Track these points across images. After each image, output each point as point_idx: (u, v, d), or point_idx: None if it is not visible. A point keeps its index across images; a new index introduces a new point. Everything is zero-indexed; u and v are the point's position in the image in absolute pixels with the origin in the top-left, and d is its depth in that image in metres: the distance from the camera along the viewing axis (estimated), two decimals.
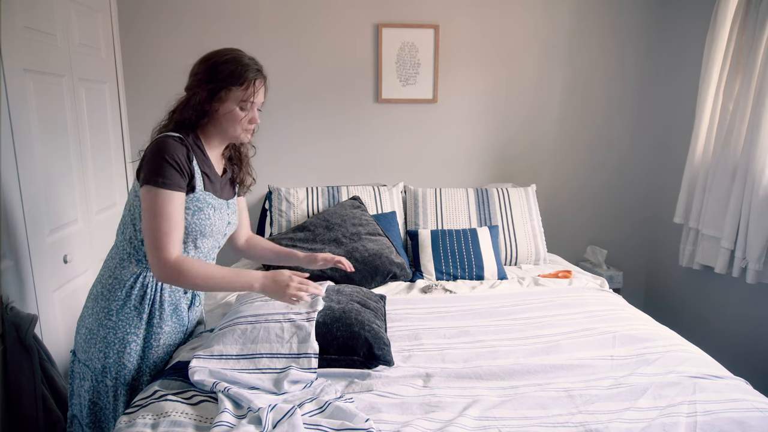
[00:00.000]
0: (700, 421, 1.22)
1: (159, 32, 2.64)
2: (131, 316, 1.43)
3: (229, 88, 1.40)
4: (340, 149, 2.88)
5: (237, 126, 1.44)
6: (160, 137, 1.39)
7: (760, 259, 2.23)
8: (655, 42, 2.96)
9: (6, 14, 1.65)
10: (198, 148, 1.45)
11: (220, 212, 1.49)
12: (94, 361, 1.44)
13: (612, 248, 3.12)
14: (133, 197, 1.44)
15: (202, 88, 1.40)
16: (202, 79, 1.40)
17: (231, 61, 1.40)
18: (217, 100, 1.41)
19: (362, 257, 2.17)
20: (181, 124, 1.43)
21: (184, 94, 1.46)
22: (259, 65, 1.46)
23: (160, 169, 1.32)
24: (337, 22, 2.75)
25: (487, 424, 1.23)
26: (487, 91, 2.93)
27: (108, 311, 1.42)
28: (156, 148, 1.35)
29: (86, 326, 1.46)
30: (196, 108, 1.41)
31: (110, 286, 1.43)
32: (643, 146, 3.08)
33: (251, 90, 1.42)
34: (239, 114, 1.43)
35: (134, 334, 1.44)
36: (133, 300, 1.43)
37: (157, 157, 1.34)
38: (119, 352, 1.43)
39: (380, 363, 1.46)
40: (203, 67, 1.42)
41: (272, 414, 1.18)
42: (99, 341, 1.43)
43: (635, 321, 1.81)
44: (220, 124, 1.45)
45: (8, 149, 1.67)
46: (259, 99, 1.46)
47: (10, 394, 1.61)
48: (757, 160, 2.22)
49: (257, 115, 1.48)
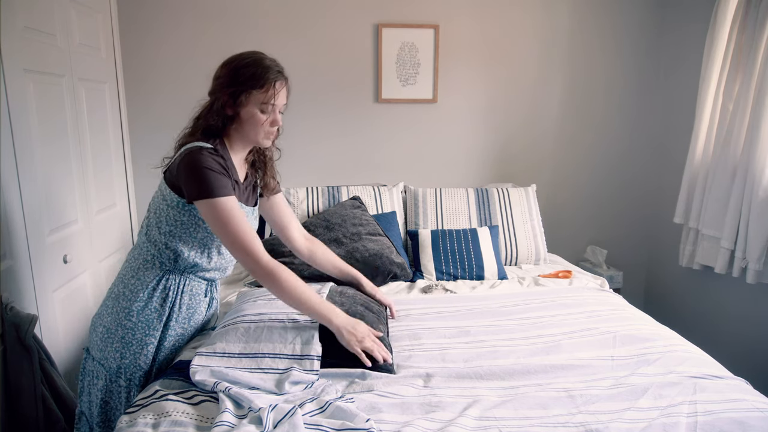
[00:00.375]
0: (700, 421, 1.22)
1: (159, 32, 2.64)
2: (152, 318, 1.44)
3: (249, 91, 1.39)
4: (340, 149, 2.88)
5: (259, 129, 1.44)
6: (192, 149, 1.36)
7: (760, 259, 2.23)
8: (655, 42, 2.97)
9: (6, 14, 1.65)
10: (224, 156, 1.44)
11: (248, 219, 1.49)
12: (110, 361, 1.44)
13: (612, 248, 3.12)
14: (160, 200, 1.43)
15: (223, 92, 1.39)
16: (224, 83, 1.40)
17: (252, 64, 1.40)
18: (239, 104, 1.40)
19: (362, 257, 2.17)
20: (207, 131, 1.42)
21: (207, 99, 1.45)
22: (280, 67, 1.46)
23: (208, 180, 1.32)
24: (337, 22, 2.75)
25: (487, 424, 1.23)
26: (487, 91, 2.93)
27: (128, 312, 1.42)
28: (193, 162, 1.34)
29: (104, 325, 1.46)
30: (220, 113, 1.40)
31: (132, 286, 1.43)
32: (642, 146, 3.08)
33: (271, 92, 1.41)
34: (261, 117, 1.42)
35: (152, 336, 1.45)
36: (154, 302, 1.43)
37: (198, 169, 1.33)
38: (136, 354, 1.44)
39: (381, 371, 1.45)
40: (225, 71, 1.41)
41: (273, 414, 1.18)
42: (117, 341, 1.43)
43: (635, 321, 1.81)
44: (242, 129, 1.44)
45: (8, 149, 1.67)
46: (280, 101, 1.45)
47: (10, 394, 1.61)
48: (757, 160, 2.22)
49: (279, 118, 1.46)
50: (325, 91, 2.81)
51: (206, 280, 1.53)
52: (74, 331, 2.05)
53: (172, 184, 1.41)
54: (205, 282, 1.54)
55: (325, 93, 2.82)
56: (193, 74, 2.66)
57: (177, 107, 2.25)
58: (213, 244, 1.45)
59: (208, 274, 1.51)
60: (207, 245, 1.45)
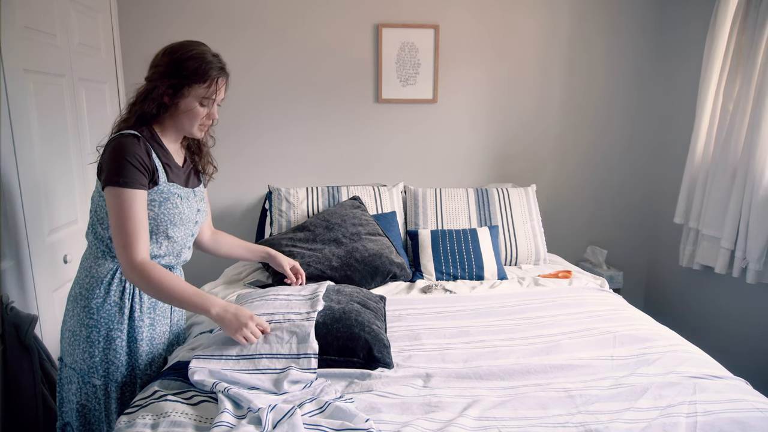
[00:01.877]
0: (700, 421, 1.22)
1: (159, 32, 2.63)
2: (113, 312, 1.43)
3: (191, 84, 1.39)
4: (340, 149, 2.88)
5: (195, 122, 1.45)
6: (116, 137, 1.38)
7: (760, 259, 2.23)
8: (656, 42, 2.96)
9: (6, 14, 1.65)
10: (155, 141, 1.44)
11: (188, 201, 1.50)
12: (80, 363, 1.43)
13: (612, 248, 3.12)
14: (98, 197, 1.43)
15: (163, 82, 1.39)
16: (165, 72, 1.39)
17: (195, 58, 1.39)
18: (179, 96, 1.40)
19: (362, 257, 2.17)
20: (142, 117, 1.42)
21: (143, 83, 1.44)
22: (223, 62, 1.45)
23: (121, 169, 1.32)
24: (338, 22, 2.75)
25: (487, 424, 1.23)
26: (487, 91, 2.93)
27: (89, 310, 1.42)
28: (114, 149, 1.35)
29: (69, 329, 1.45)
30: (156, 101, 1.40)
31: (88, 285, 1.43)
32: (642, 146, 3.08)
33: (213, 88, 1.42)
34: (199, 111, 1.43)
35: (118, 330, 1.43)
36: (112, 296, 1.43)
37: (116, 157, 1.33)
38: (105, 350, 1.43)
39: (380, 365, 1.46)
40: (166, 60, 1.40)
41: (272, 414, 1.18)
42: (83, 341, 1.42)
43: (635, 321, 1.81)
44: (177, 119, 1.44)
45: (8, 149, 1.67)
46: (220, 96, 1.46)
47: (10, 394, 1.61)
48: (757, 161, 2.22)
49: (216, 111, 1.47)
50: (325, 91, 2.82)
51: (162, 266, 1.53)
52: None
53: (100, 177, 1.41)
54: None
55: (325, 93, 2.82)
56: None
57: None
58: (160, 229, 1.43)
59: (163, 260, 1.50)
60: (153, 233, 1.43)
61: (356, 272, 2.12)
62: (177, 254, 1.54)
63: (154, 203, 1.41)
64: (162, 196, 1.42)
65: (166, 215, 1.42)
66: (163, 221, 1.43)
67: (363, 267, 2.14)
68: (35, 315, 1.65)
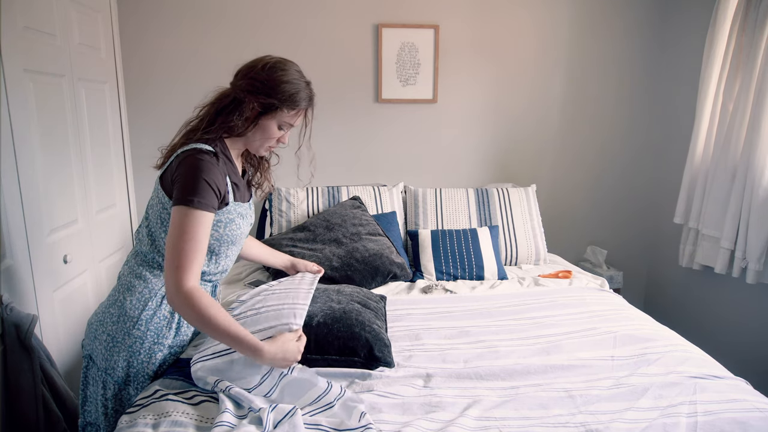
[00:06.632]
0: (700, 421, 1.23)
1: (159, 32, 2.64)
2: (161, 326, 1.41)
3: (282, 108, 1.38)
4: (340, 149, 2.88)
5: (266, 143, 1.44)
6: (193, 151, 1.32)
7: (760, 259, 2.23)
8: (655, 42, 2.97)
9: (6, 14, 1.65)
10: (226, 157, 1.41)
11: (247, 218, 1.49)
12: (117, 370, 1.39)
13: (612, 248, 3.12)
14: (160, 209, 1.37)
15: (257, 98, 1.36)
16: (260, 89, 1.36)
17: (293, 83, 1.38)
18: (265, 116, 1.39)
19: (362, 257, 2.17)
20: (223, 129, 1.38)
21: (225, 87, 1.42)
22: (313, 93, 1.45)
23: (197, 190, 1.27)
24: (337, 22, 2.75)
25: (487, 424, 1.23)
26: (487, 91, 2.93)
27: (136, 321, 1.38)
28: (192, 166, 1.29)
29: (108, 333, 1.39)
30: (246, 117, 1.36)
31: (140, 294, 1.39)
32: (642, 146, 3.08)
33: (299, 116, 1.43)
34: (276, 133, 1.42)
35: (161, 344, 1.42)
36: (163, 310, 1.41)
37: (194, 176, 1.28)
38: (144, 362, 1.40)
39: (381, 364, 1.46)
40: (264, 77, 1.37)
41: (273, 414, 1.18)
42: (124, 350, 1.38)
43: (636, 321, 1.81)
44: (251, 135, 1.42)
45: (8, 149, 1.67)
46: (297, 122, 1.46)
47: (10, 394, 1.61)
48: (757, 161, 2.23)
49: (287, 136, 1.47)
50: (325, 91, 2.81)
51: (211, 282, 1.53)
52: (74, 331, 2.04)
53: (169, 191, 1.35)
54: (210, 284, 1.53)
55: (325, 93, 2.81)
56: (193, 74, 2.66)
57: (177, 107, 2.25)
58: (221, 248, 1.41)
59: (215, 277, 1.50)
60: (215, 252, 1.41)
61: (357, 272, 2.12)
62: (226, 271, 1.54)
63: (220, 224, 1.37)
64: (228, 217, 1.39)
65: (229, 236, 1.41)
66: (225, 242, 1.41)
67: (363, 267, 2.14)
68: (35, 315, 1.65)
